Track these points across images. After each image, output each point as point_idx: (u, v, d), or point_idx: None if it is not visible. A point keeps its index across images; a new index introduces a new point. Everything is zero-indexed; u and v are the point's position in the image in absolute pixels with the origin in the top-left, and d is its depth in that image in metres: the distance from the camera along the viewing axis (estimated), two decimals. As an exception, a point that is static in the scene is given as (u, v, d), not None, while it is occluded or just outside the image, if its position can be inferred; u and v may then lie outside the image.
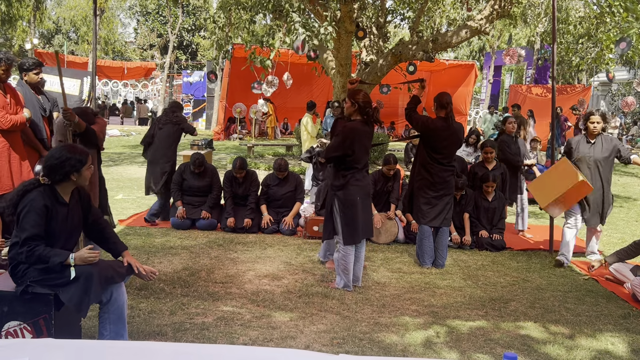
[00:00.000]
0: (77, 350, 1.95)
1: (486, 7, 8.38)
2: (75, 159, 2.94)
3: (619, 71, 23.55)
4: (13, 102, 4.63)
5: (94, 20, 6.37)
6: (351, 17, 8.28)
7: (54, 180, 2.96)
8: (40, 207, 2.84)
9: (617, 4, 7.65)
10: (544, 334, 3.76)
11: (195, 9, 36.27)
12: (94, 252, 2.95)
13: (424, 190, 5.09)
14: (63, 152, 2.98)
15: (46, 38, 39.76)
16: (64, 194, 2.99)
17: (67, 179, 2.95)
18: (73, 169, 2.94)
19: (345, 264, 4.43)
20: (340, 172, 4.40)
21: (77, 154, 2.98)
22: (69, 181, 2.97)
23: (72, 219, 3.04)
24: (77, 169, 2.95)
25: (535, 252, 5.94)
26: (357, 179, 4.37)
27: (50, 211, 2.89)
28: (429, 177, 5.06)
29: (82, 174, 2.99)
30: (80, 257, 2.89)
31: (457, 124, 5.14)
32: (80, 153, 3.00)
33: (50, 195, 2.92)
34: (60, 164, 2.94)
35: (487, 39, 25.57)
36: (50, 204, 2.89)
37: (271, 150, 14.16)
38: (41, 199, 2.87)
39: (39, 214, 2.84)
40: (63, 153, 2.97)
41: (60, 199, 2.97)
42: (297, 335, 3.54)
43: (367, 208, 4.53)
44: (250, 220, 6.25)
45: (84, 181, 3.03)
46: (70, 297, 2.86)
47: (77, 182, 3.00)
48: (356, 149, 4.31)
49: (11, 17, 25.45)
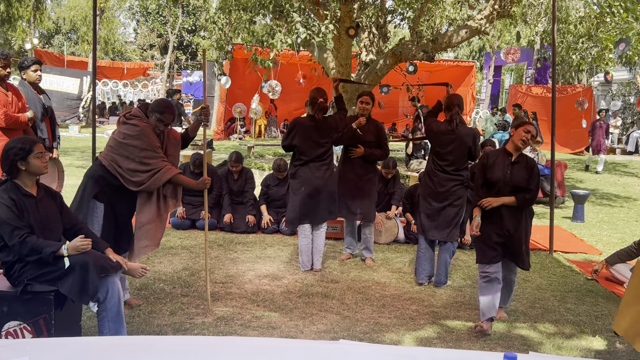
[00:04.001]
0: (78, 347, 1.95)
1: (486, 7, 8.38)
2: (18, 148, 2.94)
3: (620, 71, 23.53)
4: (15, 100, 4.63)
5: (94, 20, 6.36)
6: (351, 17, 8.28)
7: (8, 172, 2.97)
8: (6, 199, 2.87)
9: (617, 4, 7.65)
10: (544, 334, 3.76)
11: (195, 9, 36.27)
12: (85, 240, 2.97)
13: (426, 200, 4.71)
14: (8, 144, 3.01)
15: (46, 38, 39.76)
16: (26, 186, 2.99)
17: (15, 168, 2.95)
18: (17, 157, 2.93)
19: (299, 245, 4.96)
20: (292, 163, 4.97)
21: (21, 142, 2.99)
22: (20, 172, 2.96)
23: (45, 211, 3.03)
24: (21, 157, 2.93)
25: (535, 252, 5.94)
26: (306, 170, 4.83)
27: (18, 203, 2.89)
28: (432, 186, 4.64)
29: (30, 162, 2.95)
30: (72, 247, 2.92)
31: (467, 129, 4.65)
32: (24, 142, 3.00)
33: (13, 189, 2.93)
34: (4, 154, 2.96)
35: (487, 39, 25.58)
36: (16, 197, 2.91)
37: (271, 150, 14.15)
38: (4, 193, 2.90)
39: (9, 205, 2.86)
40: (7, 145, 3.00)
41: (23, 191, 2.97)
42: (297, 335, 3.54)
43: (314, 198, 4.84)
44: (253, 217, 6.26)
45: (37, 169, 2.99)
46: (70, 288, 2.87)
47: (29, 172, 2.97)
48: (300, 141, 4.80)
49: (11, 17, 25.45)
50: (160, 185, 3.58)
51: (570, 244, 6.28)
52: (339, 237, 6.00)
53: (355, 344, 2.08)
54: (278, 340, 2.73)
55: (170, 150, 3.83)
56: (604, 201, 9.48)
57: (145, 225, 3.68)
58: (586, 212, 7.82)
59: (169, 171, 3.57)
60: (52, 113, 5.39)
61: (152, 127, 3.65)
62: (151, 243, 3.74)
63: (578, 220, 7.62)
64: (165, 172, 3.55)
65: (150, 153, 3.57)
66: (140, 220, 3.69)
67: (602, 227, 7.36)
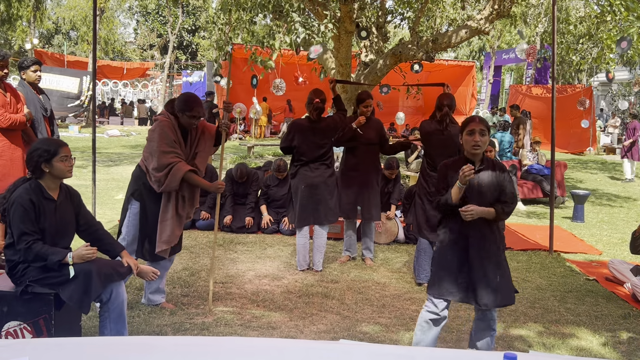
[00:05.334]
0: (78, 347, 1.95)
1: (486, 7, 8.38)
2: (43, 149, 2.92)
3: (620, 71, 23.55)
4: (14, 101, 4.63)
5: (94, 20, 6.36)
6: (351, 17, 8.28)
7: (33, 173, 2.96)
8: (26, 201, 2.84)
9: (618, 3, 7.64)
10: (544, 334, 3.76)
11: (195, 9, 36.28)
12: (91, 248, 2.96)
13: (422, 200, 4.69)
14: (35, 144, 3.00)
15: (46, 38, 39.76)
16: (49, 189, 2.98)
17: (39, 170, 2.93)
18: (41, 158, 2.91)
19: (297, 245, 4.98)
20: (292, 163, 5.00)
21: (46, 144, 2.97)
22: (44, 174, 2.95)
23: (62, 215, 3.01)
24: (45, 159, 2.91)
25: (535, 252, 5.94)
26: (306, 170, 4.85)
27: (37, 206, 2.87)
28: (426, 186, 4.61)
29: (54, 165, 2.93)
30: (78, 255, 2.90)
31: (457, 129, 4.40)
32: (49, 144, 2.99)
33: (35, 191, 2.91)
34: (29, 155, 2.95)
35: (487, 39, 25.58)
36: (36, 199, 2.88)
37: (271, 150, 14.16)
38: (26, 194, 2.87)
39: (26, 208, 2.83)
40: (34, 145, 2.99)
41: (46, 194, 2.95)
42: (297, 335, 3.54)
43: (313, 197, 4.84)
44: (252, 219, 6.26)
45: (61, 173, 2.97)
46: (70, 296, 2.86)
47: (53, 175, 2.96)
48: (299, 142, 4.82)
49: (11, 17, 25.44)
50: (177, 182, 3.60)
51: (570, 244, 6.28)
52: (339, 237, 6.00)
53: (355, 344, 2.08)
54: (278, 340, 2.73)
55: (202, 145, 3.87)
56: (604, 201, 9.48)
57: (163, 222, 3.73)
58: (586, 212, 7.82)
59: (181, 168, 3.60)
60: (51, 113, 5.39)
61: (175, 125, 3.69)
62: (165, 240, 3.74)
63: (578, 220, 7.62)
64: (179, 170, 3.59)
65: (165, 147, 3.60)
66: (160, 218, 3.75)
67: (602, 227, 7.36)
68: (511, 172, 8.29)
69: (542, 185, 8.72)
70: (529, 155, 9.26)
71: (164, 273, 3.98)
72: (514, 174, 8.55)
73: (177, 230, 3.80)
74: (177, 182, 3.60)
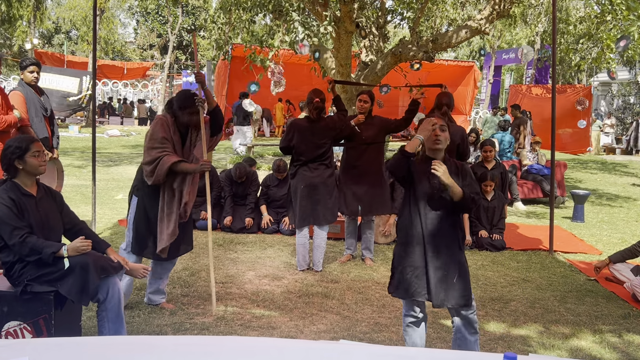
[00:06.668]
0: (78, 347, 1.95)
1: (486, 7, 8.38)
2: (14, 147, 2.94)
3: (620, 71, 23.52)
4: (3, 102, 4.63)
5: (94, 20, 6.36)
6: (351, 17, 8.28)
7: (6, 171, 2.97)
8: (6, 199, 2.87)
9: (619, 2, 7.63)
10: (544, 334, 3.76)
11: (195, 9, 36.27)
12: (85, 241, 2.97)
13: None
14: (7, 142, 3.02)
15: (46, 38, 39.76)
16: (26, 186, 2.99)
17: (13, 167, 2.95)
18: (14, 155, 2.93)
19: (296, 245, 4.96)
20: (291, 163, 4.99)
21: (17, 141, 2.99)
22: (18, 171, 2.96)
23: (45, 211, 3.03)
24: (18, 155, 2.93)
25: (535, 252, 5.94)
26: (305, 170, 4.84)
27: (17, 203, 2.89)
28: None
29: (27, 161, 2.95)
30: (72, 248, 2.92)
31: (455, 127, 4.64)
32: (21, 140, 3.00)
33: (13, 189, 2.93)
34: (2, 152, 2.96)
35: (487, 39, 25.57)
36: (15, 197, 2.90)
37: (271, 150, 14.15)
38: (4, 193, 2.90)
39: (9, 205, 2.85)
40: (6, 143, 3.00)
41: (23, 191, 2.97)
42: (297, 335, 3.54)
43: (312, 198, 4.83)
44: (252, 220, 6.26)
45: (34, 169, 2.98)
46: (69, 289, 2.87)
47: (27, 171, 2.96)
48: (298, 142, 4.83)
49: (11, 17, 25.42)
50: (163, 174, 3.61)
51: (570, 244, 6.28)
52: (339, 237, 6.00)
53: (355, 344, 2.08)
54: (278, 340, 2.73)
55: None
56: (604, 201, 9.48)
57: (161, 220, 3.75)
58: (586, 212, 7.82)
59: (168, 160, 3.62)
60: (51, 113, 5.40)
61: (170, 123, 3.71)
62: (161, 236, 3.75)
63: (578, 220, 7.62)
64: (165, 162, 3.61)
65: (154, 143, 3.66)
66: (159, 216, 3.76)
67: (602, 227, 7.36)
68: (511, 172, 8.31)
69: (542, 185, 8.72)
70: (529, 155, 9.26)
71: (165, 275, 3.98)
72: (514, 174, 8.56)
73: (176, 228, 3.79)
74: (164, 173, 3.62)
